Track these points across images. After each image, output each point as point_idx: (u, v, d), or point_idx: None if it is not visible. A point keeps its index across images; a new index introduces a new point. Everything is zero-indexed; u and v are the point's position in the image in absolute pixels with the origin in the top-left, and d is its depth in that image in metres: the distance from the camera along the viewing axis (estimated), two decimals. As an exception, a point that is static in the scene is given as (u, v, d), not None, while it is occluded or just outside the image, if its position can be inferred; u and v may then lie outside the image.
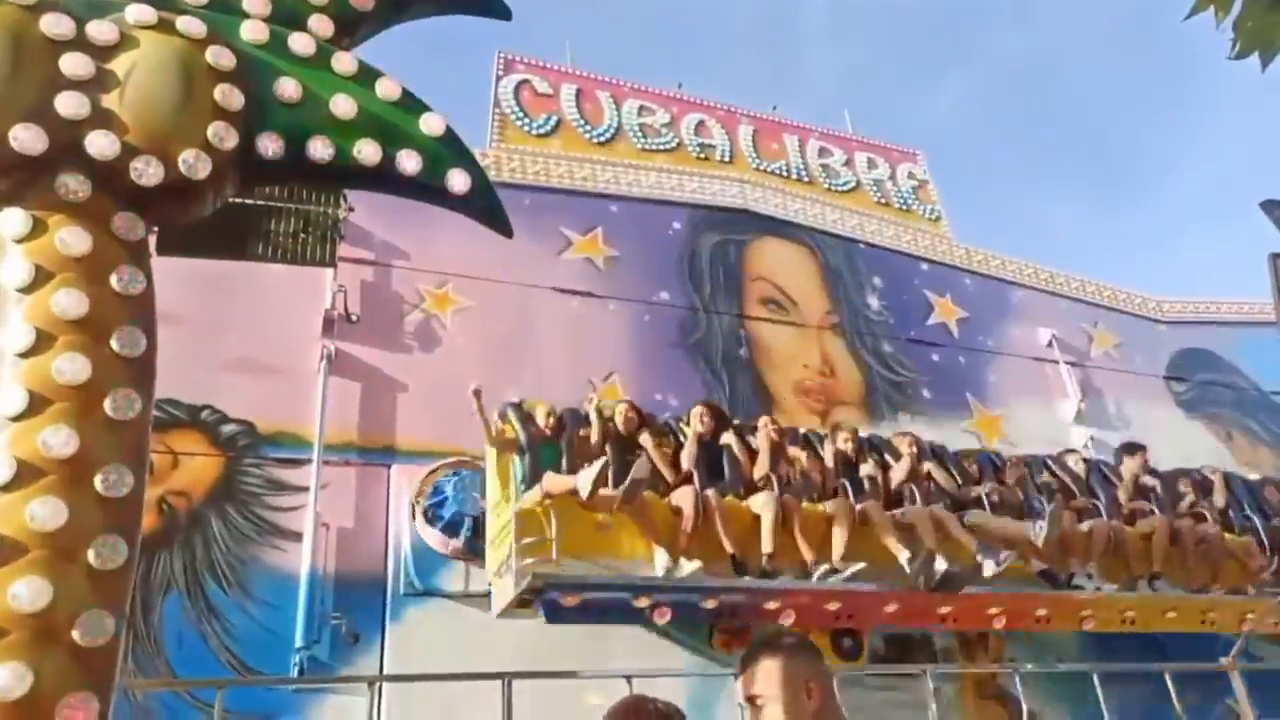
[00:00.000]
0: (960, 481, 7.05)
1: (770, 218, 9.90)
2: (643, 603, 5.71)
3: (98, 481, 1.85)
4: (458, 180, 2.40)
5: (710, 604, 5.86)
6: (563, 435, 5.95)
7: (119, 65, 2.11)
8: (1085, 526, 6.96)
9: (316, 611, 5.92)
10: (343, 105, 2.31)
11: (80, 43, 2.09)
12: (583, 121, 9.82)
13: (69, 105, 2.02)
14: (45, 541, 1.77)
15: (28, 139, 1.96)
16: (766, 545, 5.75)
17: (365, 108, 2.34)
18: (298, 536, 6.18)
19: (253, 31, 2.30)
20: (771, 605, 5.98)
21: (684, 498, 5.76)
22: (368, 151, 2.31)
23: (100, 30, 2.12)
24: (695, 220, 9.44)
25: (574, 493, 5.41)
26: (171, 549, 5.95)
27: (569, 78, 10.14)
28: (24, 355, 1.90)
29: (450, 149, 2.44)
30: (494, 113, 9.36)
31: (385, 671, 5.91)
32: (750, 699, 2.08)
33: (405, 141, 2.36)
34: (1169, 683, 6.33)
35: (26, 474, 1.81)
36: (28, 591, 1.71)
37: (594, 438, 5.94)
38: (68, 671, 1.72)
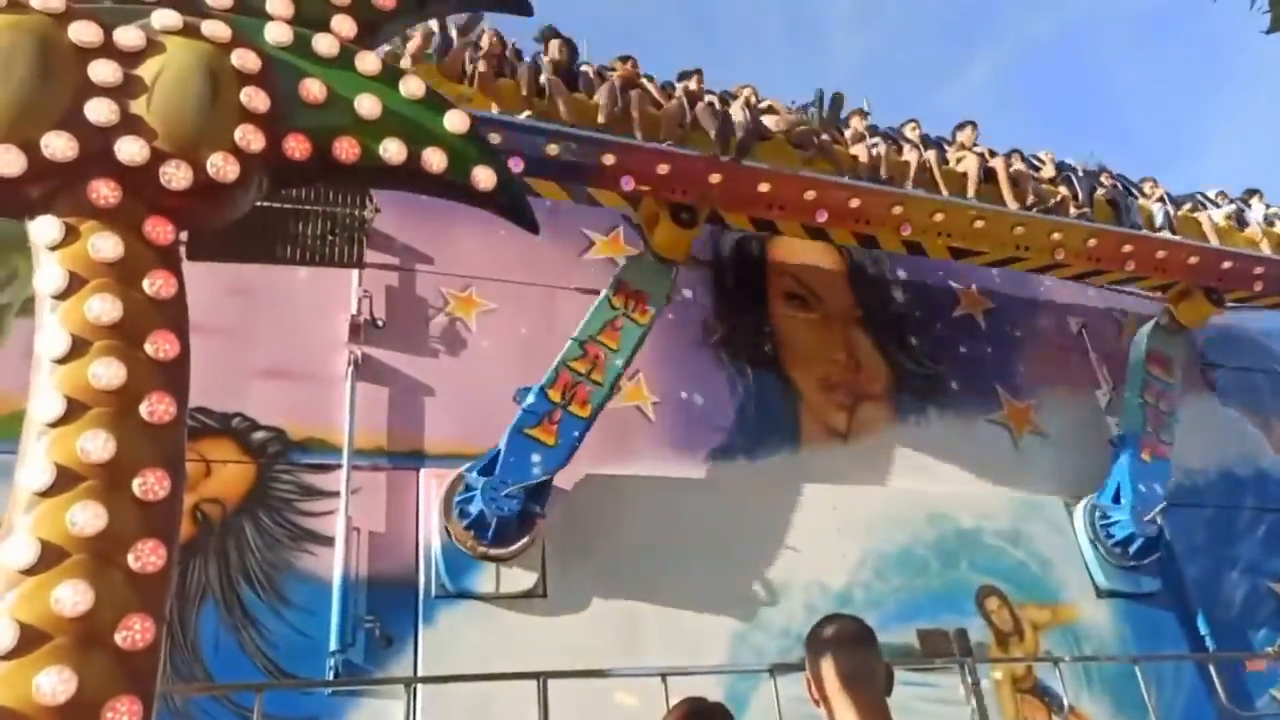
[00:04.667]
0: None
1: (792, 212, 9.80)
2: (495, 139, 6.05)
3: (135, 486, 1.86)
4: (483, 177, 2.40)
5: (551, 149, 6.35)
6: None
7: (146, 71, 2.13)
8: (904, 156, 7.65)
9: (350, 615, 5.94)
10: (367, 105, 2.31)
11: (108, 49, 2.10)
12: (601, 121, 9.79)
13: (98, 112, 2.03)
14: (86, 546, 1.78)
15: (59, 146, 1.98)
16: (601, 117, 6.51)
17: (390, 107, 2.34)
18: (330, 541, 6.20)
19: (277, 33, 2.30)
20: (608, 160, 6.55)
21: (525, 72, 6.56)
22: (393, 150, 2.31)
23: (127, 37, 2.14)
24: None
25: (430, 35, 6.29)
26: (206, 556, 6.00)
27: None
28: (60, 361, 1.91)
29: (475, 146, 2.44)
30: (512, 115, 9.35)
31: (419, 674, 5.93)
32: None
33: (430, 139, 2.36)
34: (1213, 673, 6.23)
35: (66, 479, 1.82)
36: (70, 596, 1.72)
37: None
38: (112, 675, 1.73)
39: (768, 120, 7.28)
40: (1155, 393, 8.93)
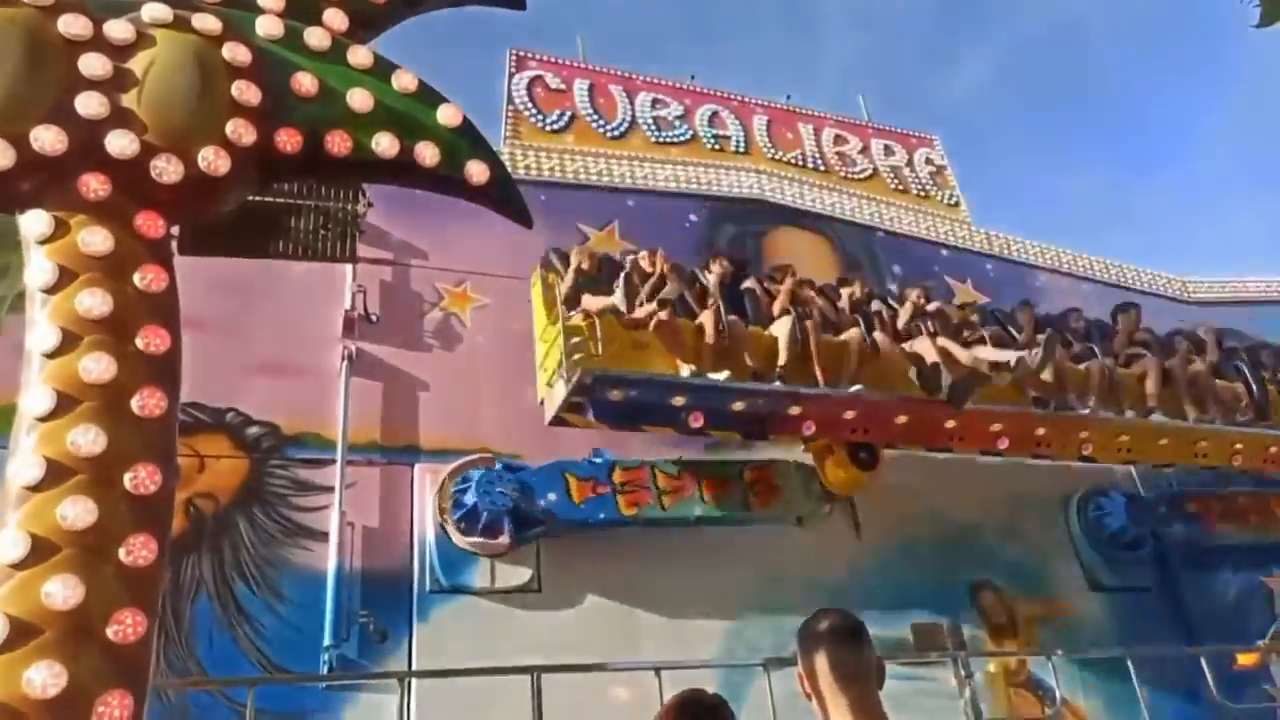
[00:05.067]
0: (964, 326, 7.48)
1: (787, 208, 9.81)
2: (678, 401, 6.14)
3: (126, 480, 1.86)
4: (476, 171, 2.40)
5: (738, 406, 6.27)
6: (602, 273, 6.55)
7: (136, 64, 2.12)
8: (1082, 366, 7.41)
9: (344, 610, 5.94)
10: (360, 99, 2.30)
11: (98, 43, 2.09)
12: (596, 116, 9.79)
13: (88, 105, 2.02)
14: (76, 540, 1.78)
15: (49, 140, 1.97)
16: (783, 358, 6.28)
17: (382, 101, 2.33)
18: (324, 536, 6.20)
19: (268, 27, 2.29)
20: (794, 411, 6.43)
21: (708, 319, 6.27)
22: (386, 144, 2.30)
23: (117, 30, 2.12)
24: (711, 212, 9.38)
25: (613, 309, 6.11)
26: (200, 551, 5.99)
27: (581, 72, 10.12)
28: (50, 355, 1.91)
29: (468, 140, 2.43)
30: (507, 110, 9.35)
31: (414, 668, 5.93)
32: None
33: (423, 133, 2.35)
34: (1204, 667, 6.25)
35: (56, 473, 1.82)
36: (61, 590, 1.72)
37: (633, 278, 6.53)
38: (102, 669, 1.72)
39: (954, 346, 6.80)
40: None
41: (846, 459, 6.84)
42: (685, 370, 6.12)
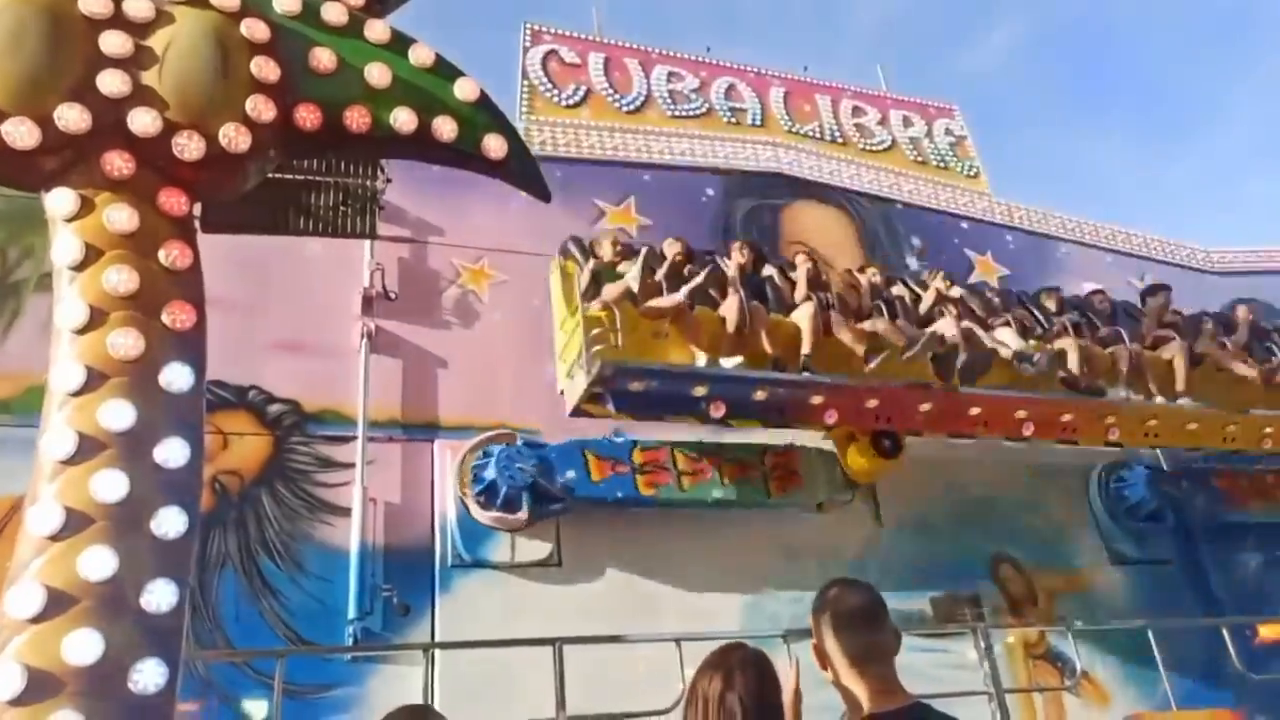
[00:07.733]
0: (986, 311, 7.43)
1: (804, 180, 9.73)
2: (699, 391, 6.18)
3: (156, 454, 1.89)
4: (494, 145, 2.40)
5: (760, 395, 6.30)
6: (622, 263, 6.47)
7: (156, 42, 2.13)
8: (1108, 350, 7.32)
9: (367, 584, 6.02)
10: (377, 74, 2.30)
11: (118, 20, 2.10)
12: (611, 90, 9.73)
13: (110, 83, 2.04)
14: (108, 513, 1.82)
15: (72, 118, 1.99)
16: (806, 346, 6.28)
17: (400, 76, 2.33)
18: (346, 512, 6.27)
19: (286, 3, 2.29)
20: (815, 400, 6.44)
21: (729, 308, 6.21)
22: (404, 119, 2.30)
23: (137, 7, 2.13)
24: (728, 186, 9.32)
25: (628, 293, 6.09)
26: (226, 527, 6.08)
27: (596, 46, 10.04)
28: (79, 332, 1.94)
29: (486, 114, 2.43)
30: (522, 84, 9.30)
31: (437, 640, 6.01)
32: None
33: (440, 108, 2.35)
34: (1227, 638, 6.22)
35: (88, 448, 1.85)
36: (95, 561, 1.76)
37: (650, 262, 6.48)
38: (136, 638, 1.77)
39: (977, 329, 6.81)
40: None
41: (869, 447, 6.83)
42: (701, 359, 6.16)
